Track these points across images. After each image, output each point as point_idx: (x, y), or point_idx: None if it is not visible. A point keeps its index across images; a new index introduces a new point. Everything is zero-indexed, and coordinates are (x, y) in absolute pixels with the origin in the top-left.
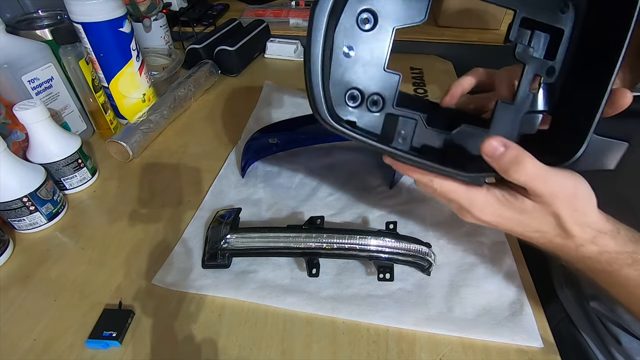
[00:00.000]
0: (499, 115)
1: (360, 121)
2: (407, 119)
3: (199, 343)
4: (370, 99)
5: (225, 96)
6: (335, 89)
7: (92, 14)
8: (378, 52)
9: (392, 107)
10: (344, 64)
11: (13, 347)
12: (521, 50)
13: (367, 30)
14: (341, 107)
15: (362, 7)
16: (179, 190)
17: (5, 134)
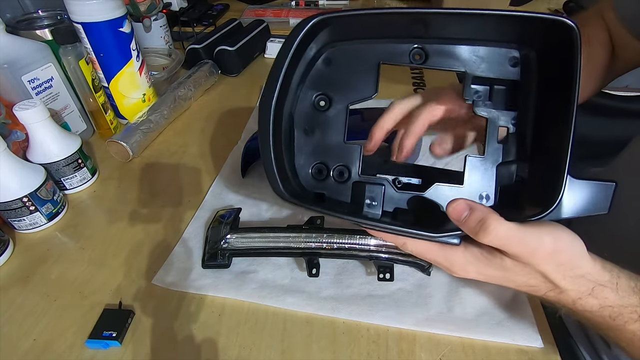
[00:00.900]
0: (470, 170)
1: (330, 193)
2: (374, 185)
3: (199, 343)
4: (335, 170)
5: (225, 96)
6: (302, 165)
7: (92, 14)
8: (336, 127)
9: (358, 176)
10: (305, 141)
11: (13, 347)
12: (481, 106)
13: (323, 110)
14: (309, 181)
15: (317, 93)
16: (179, 190)
17: (5, 134)
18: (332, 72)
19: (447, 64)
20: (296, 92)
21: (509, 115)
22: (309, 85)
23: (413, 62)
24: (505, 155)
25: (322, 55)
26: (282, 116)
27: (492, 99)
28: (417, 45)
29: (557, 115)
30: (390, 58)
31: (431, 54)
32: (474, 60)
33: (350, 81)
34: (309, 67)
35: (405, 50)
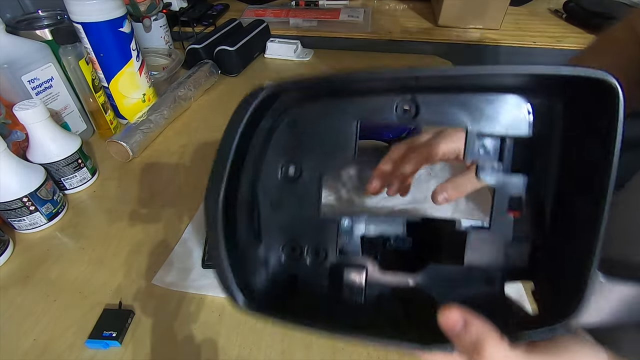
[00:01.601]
0: (473, 246)
1: (304, 275)
2: (354, 269)
3: (199, 343)
4: (310, 249)
5: (225, 96)
6: (271, 245)
7: (92, 14)
8: (309, 199)
9: (336, 257)
10: (274, 217)
11: (13, 347)
12: (487, 169)
13: (293, 179)
14: (280, 262)
15: (284, 160)
16: (179, 190)
17: (5, 134)
18: (299, 135)
19: (444, 118)
20: (257, 164)
21: (523, 180)
22: (273, 153)
23: (400, 118)
24: (516, 230)
25: (284, 118)
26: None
27: (502, 158)
28: (404, 97)
29: (585, 184)
30: (371, 114)
31: (424, 106)
32: (480, 111)
33: (322, 144)
34: (269, 134)
35: (390, 104)
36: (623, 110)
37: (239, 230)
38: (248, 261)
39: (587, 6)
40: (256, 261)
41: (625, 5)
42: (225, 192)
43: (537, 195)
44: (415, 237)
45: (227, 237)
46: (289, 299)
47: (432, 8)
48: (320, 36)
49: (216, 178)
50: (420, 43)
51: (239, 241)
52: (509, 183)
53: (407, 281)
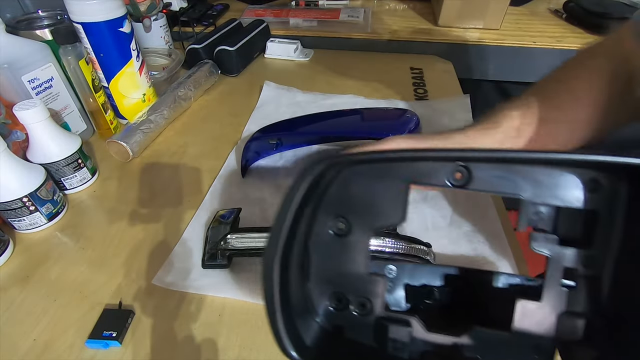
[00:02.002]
0: (521, 317)
1: (349, 327)
2: (399, 325)
3: (199, 343)
4: (356, 302)
5: (225, 96)
6: (318, 295)
7: (92, 14)
8: (358, 255)
9: (382, 311)
10: (323, 269)
11: (13, 347)
12: (540, 239)
13: (342, 235)
14: (326, 312)
15: (334, 217)
16: (179, 190)
17: (5, 134)
18: (351, 193)
19: (498, 186)
20: (309, 220)
21: (580, 254)
22: (325, 208)
23: (452, 184)
24: (570, 303)
25: (337, 177)
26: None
27: (557, 228)
28: (458, 165)
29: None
30: (422, 178)
31: (476, 173)
32: (536, 182)
33: (372, 204)
34: (323, 192)
35: (442, 169)
36: None
37: (290, 284)
38: (298, 312)
39: (587, 6)
40: (305, 311)
41: (625, 5)
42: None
43: (594, 269)
44: (460, 290)
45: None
46: (335, 350)
47: (432, 8)
48: (320, 36)
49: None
50: (420, 43)
51: (291, 295)
52: (564, 254)
53: (452, 342)
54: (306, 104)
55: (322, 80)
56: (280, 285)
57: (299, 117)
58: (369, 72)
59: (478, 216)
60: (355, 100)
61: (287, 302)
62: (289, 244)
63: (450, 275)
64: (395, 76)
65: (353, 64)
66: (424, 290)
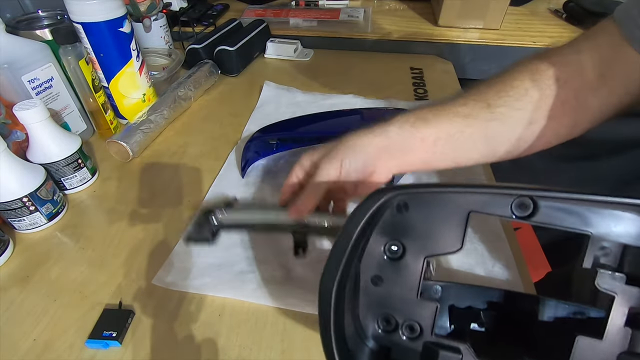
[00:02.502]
0: (580, 354)
1: (397, 349)
2: (449, 352)
3: (199, 343)
4: (405, 325)
5: (225, 96)
6: (367, 317)
7: (92, 14)
8: (410, 280)
9: (431, 336)
10: (374, 291)
11: (13, 347)
12: (606, 277)
13: (396, 258)
14: (375, 333)
15: (389, 239)
16: (179, 190)
17: (5, 134)
18: (408, 218)
19: (563, 221)
20: (365, 242)
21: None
22: (380, 231)
23: (516, 216)
24: (633, 345)
25: (395, 201)
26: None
27: (623, 266)
28: (522, 195)
29: None
30: (484, 207)
31: (542, 205)
32: (602, 219)
33: (429, 230)
34: (380, 215)
35: (506, 200)
36: None
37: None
38: (349, 333)
39: (587, 6)
40: (355, 332)
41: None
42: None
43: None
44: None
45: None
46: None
47: (432, 8)
48: (320, 36)
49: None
50: (420, 43)
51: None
52: (630, 294)
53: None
54: (306, 104)
55: (322, 80)
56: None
57: (298, 117)
58: (369, 72)
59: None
60: (355, 100)
61: (340, 327)
62: (346, 270)
63: (496, 297)
64: (395, 76)
65: (353, 64)
66: (469, 312)
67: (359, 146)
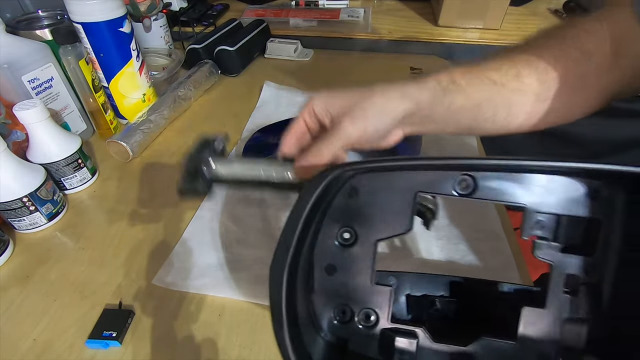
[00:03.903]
0: (526, 324)
1: (354, 340)
2: (405, 336)
3: (199, 343)
4: (361, 313)
5: (225, 96)
6: (322, 308)
7: (92, 14)
8: (363, 265)
9: (387, 322)
10: (327, 281)
11: (13, 347)
12: (543, 247)
13: (348, 245)
14: (331, 326)
15: (341, 226)
16: None
17: (5, 134)
18: (358, 203)
19: (502, 195)
20: (315, 231)
21: (582, 261)
22: (331, 219)
23: (458, 193)
24: (573, 310)
25: (345, 187)
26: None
27: (558, 236)
28: (464, 173)
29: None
30: (429, 187)
31: (482, 183)
32: (539, 190)
33: (379, 213)
34: (330, 202)
35: (449, 179)
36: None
37: (297, 298)
38: (304, 326)
39: (587, 6)
40: (310, 325)
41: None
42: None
43: (595, 277)
44: (462, 300)
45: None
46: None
47: (432, 8)
48: (320, 36)
49: (283, 252)
50: (420, 43)
51: (297, 308)
52: (566, 262)
53: (459, 351)
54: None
55: (322, 80)
56: (287, 299)
57: None
58: (369, 72)
59: (478, 215)
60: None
61: (293, 316)
62: (297, 255)
63: (451, 285)
64: (395, 76)
65: (353, 64)
66: (426, 300)
67: (387, 110)
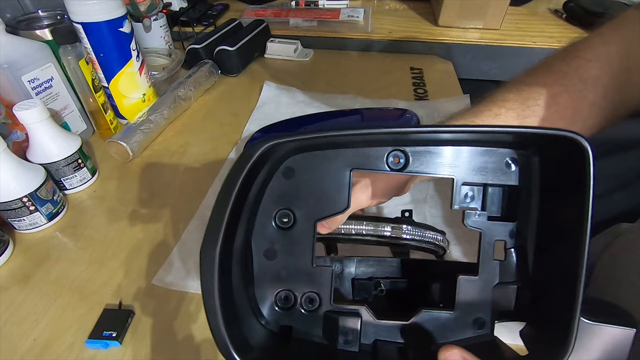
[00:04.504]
0: (462, 293)
1: (298, 325)
2: (349, 316)
3: (199, 343)
4: (304, 297)
5: (225, 96)
6: (264, 294)
7: (91, 14)
8: (303, 248)
9: (330, 304)
10: (267, 266)
11: (13, 347)
12: (472, 216)
13: (287, 227)
14: (274, 313)
15: (278, 208)
16: (179, 190)
17: (5, 134)
18: (294, 184)
19: (432, 168)
20: (251, 213)
21: (507, 227)
22: (268, 201)
23: (391, 168)
24: (502, 275)
25: (279, 168)
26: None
27: (485, 206)
28: (395, 148)
29: (565, 232)
30: (363, 163)
31: (413, 157)
32: (464, 162)
33: (316, 193)
34: (265, 183)
35: (381, 154)
36: (593, 167)
37: (233, 282)
38: (242, 315)
39: (587, 6)
40: (250, 314)
41: (625, 5)
42: (222, 246)
43: (520, 242)
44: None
45: (221, 293)
46: (285, 350)
47: (432, 8)
48: (320, 36)
49: (213, 232)
50: (420, 43)
51: (233, 295)
52: (493, 230)
53: (402, 327)
54: (306, 104)
55: (322, 80)
56: (220, 284)
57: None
58: (369, 72)
59: None
60: (355, 100)
61: (229, 303)
62: (229, 238)
63: (396, 266)
64: (395, 76)
65: (353, 64)
66: (371, 282)
67: None
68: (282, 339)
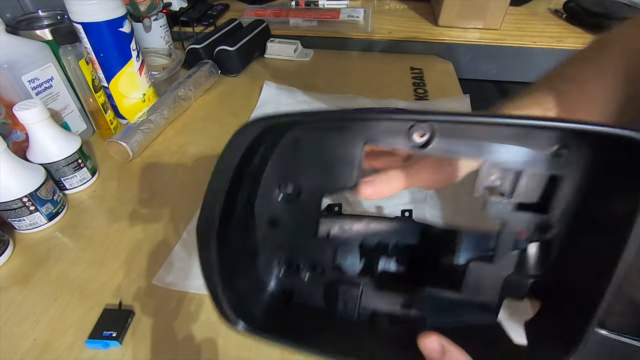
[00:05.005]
0: (472, 277)
1: (300, 291)
2: (349, 286)
3: (199, 343)
4: (307, 265)
5: (225, 96)
6: (266, 261)
7: (91, 14)
8: (307, 219)
9: (333, 273)
10: (271, 234)
11: (13, 347)
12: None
13: (291, 198)
14: (277, 278)
15: (283, 178)
16: (179, 190)
17: (5, 134)
18: (301, 153)
19: (460, 148)
20: (254, 182)
21: (533, 219)
22: (272, 170)
23: (412, 144)
24: (518, 266)
25: (286, 136)
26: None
27: (513, 193)
28: (420, 118)
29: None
30: (379, 137)
31: (439, 133)
32: (500, 140)
33: (324, 165)
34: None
35: (402, 128)
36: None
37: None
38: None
39: (587, 6)
40: (252, 280)
41: (625, 5)
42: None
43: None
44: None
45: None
46: (285, 315)
47: (432, 8)
48: (320, 36)
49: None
50: (420, 43)
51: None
52: (518, 219)
53: (402, 302)
54: (306, 104)
55: (322, 80)
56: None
57: None
58: (369, 72)
59: None
60: (355, 100)
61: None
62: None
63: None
64: (395, 76)
65: (353, 64)
66: (379, 247)
67: None
68: (283, 302)
